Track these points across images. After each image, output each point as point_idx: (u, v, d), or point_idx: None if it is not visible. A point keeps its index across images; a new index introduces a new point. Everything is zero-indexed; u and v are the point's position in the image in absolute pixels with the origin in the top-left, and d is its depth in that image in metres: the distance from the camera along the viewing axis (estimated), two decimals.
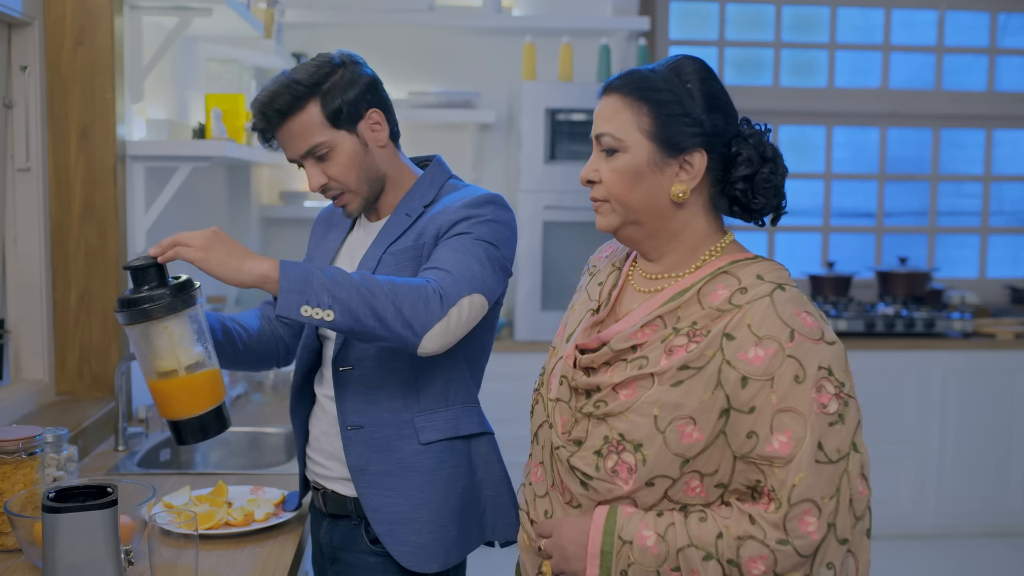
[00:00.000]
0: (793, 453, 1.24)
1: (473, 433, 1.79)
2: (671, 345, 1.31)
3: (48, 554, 1.31)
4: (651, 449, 1.29)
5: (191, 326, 1.56)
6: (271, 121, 1.72)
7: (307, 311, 1.49)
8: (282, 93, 1.70)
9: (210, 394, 1.60)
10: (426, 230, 1.73)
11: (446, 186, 1.83)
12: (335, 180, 1.74)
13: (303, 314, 1.49)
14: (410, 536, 1.72)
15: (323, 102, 1.71)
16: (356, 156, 1.74)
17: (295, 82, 1.70)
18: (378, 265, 1.74)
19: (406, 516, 1.72)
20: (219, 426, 1.61)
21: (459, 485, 1.76)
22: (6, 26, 2.40)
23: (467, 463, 1.78)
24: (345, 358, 1.75)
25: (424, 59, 4.35)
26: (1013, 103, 4.89)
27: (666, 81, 1.34)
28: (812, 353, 1.26)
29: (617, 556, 1.30)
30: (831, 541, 1.25)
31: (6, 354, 2.39)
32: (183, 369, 1.56)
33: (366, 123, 1.75)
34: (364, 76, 1.76)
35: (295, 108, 1.70)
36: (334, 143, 1.72)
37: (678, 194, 1.34)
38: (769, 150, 1.37)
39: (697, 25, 4.76)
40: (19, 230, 2.47)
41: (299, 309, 1.49)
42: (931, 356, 4.25)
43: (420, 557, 1.73)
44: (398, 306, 1.53)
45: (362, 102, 1.74)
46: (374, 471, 1.73)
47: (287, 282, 1.49)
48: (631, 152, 1.34)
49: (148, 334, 1.54)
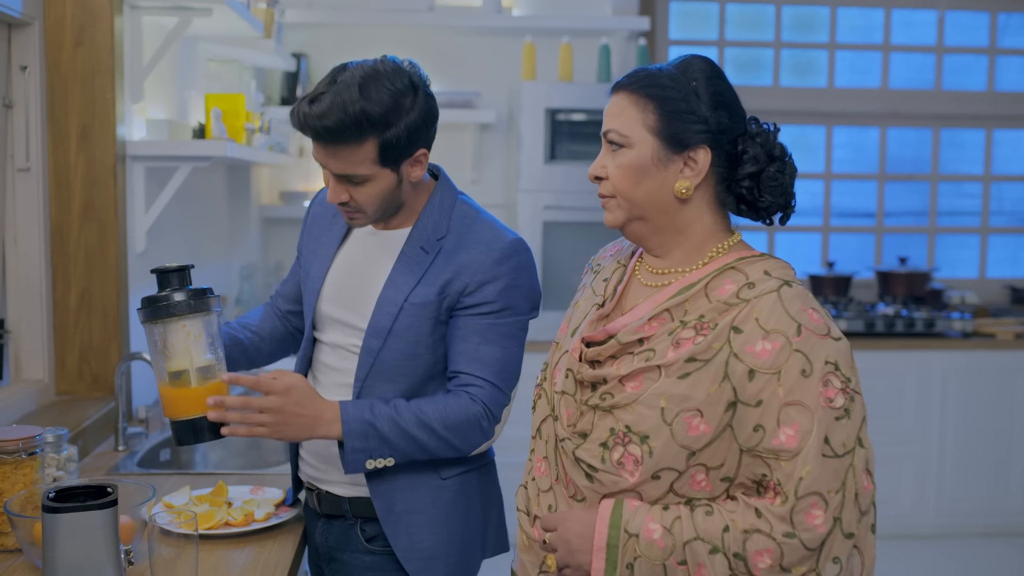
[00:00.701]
0: (800, 446, 1.24)
1: (483, 463, 1.86)
2: (678, 338, 1.32)
3: (48, 554, 1.31)
4: (658, 441, 1.29)
5: (207, 331, 1.63)
6: (319, 137, 1.60)
7: (370, 464, 1.69)
8: (345, 121, 1.57)
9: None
10: (450, 286, 1.71)
11: (456, 210, 1.77)
12: (356, 203, 1.69)
13: (367, 467, 1.69)
14: (440, 569, 1.77)
15: (381, 142, 1.60)
16: (388, 190, 1.68)
17: (364, 115, 1.57)
18: (399, 314, 1.72)
19: (435, 551, 1.77)
20: (214, 432, 1.64)
21: (473, 513, 1.82)
22: (6, 26, 2.40)
23: (477, 491, 1.84)
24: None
25: (424, 59, 4.35)
26: (1013, 103, 4.89)
27: (672, 79, 1.36)
28: (819, 348, 1.27)
29: (623, 549, 1.30)
30: (837, 535, 1.25)
31: (6, 354, 2.39)
32: (194, 370, 1.61)
33: (410, 161, 1.67)
34: (426, 112, 1.64)
35: (351, 139, 1.59)
36: (374, 176, 1.65)
37: (682, 190, 1.36)
38: (777, 149, 1.39)
39: (697, 25, 4.76)
40: (19, 230, 2.47)
41: (364, 465, 1.69)
42: (931, 356, 4.25)
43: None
44: (452, 444, 1.71)
45: (416, 143, 1.65)
46: (399, 511, 1.76)
47: (351, 442, 1.66)
48: (636, 148, 1.36)
49: (166, 331, 1.61)
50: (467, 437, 1.71)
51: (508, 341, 1.73)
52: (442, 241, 1.74)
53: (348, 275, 1.81)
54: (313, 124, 1.58)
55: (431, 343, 1.74)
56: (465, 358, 1.72)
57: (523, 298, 1.74)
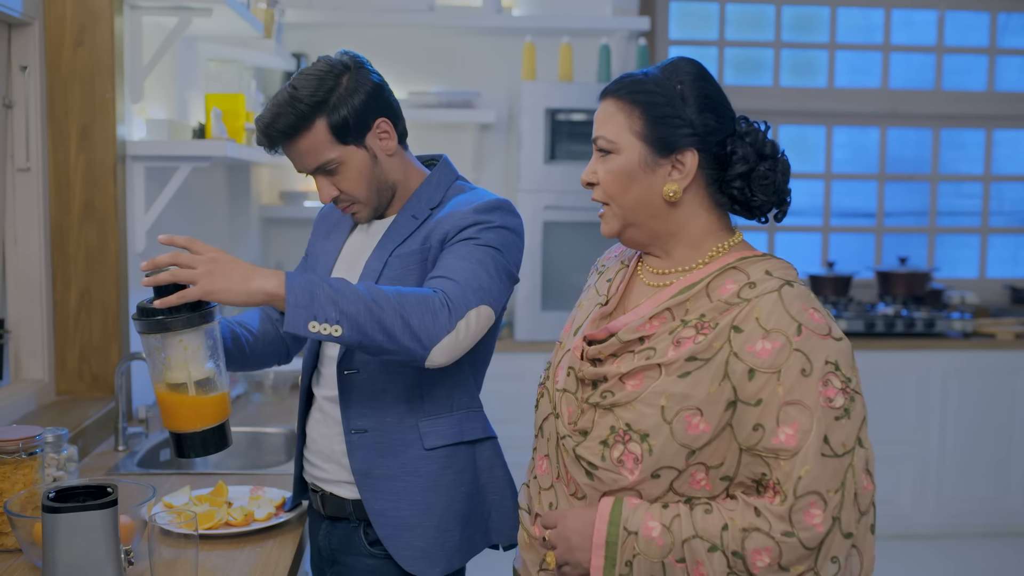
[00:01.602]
0: (799, 445, 1.25)
1: (477, 438, 1.79)
2: (679, 337, 1.33)
3: (48, 554, 1.31)
4: (657, 439, 1.30)
5: (206, 342, 1.56)
6: (275, 141, 1.69)
7: (315, 327, 1.48)
8: (286, 113, 1.65)
9: (216, 411, 1.60)
10: (432, 233, 1.71)
11: (453, 188, 1.80)
12: (345, 193, 1.72)
13: (311, 330, 1.48)
14: (413, 541, 1.72)
15: (329, 119, 1.66)
16: (366, 169, 1.71)
17: (297, 100, 1.65)
18: (384, 268, 1.72)
19: (409, 521, 1.72)
20: (220, 443, 1.61)
21: (462, 490, 1.76)
22: (6, 26, 2.40)
23: (471, 468, 1.78)
24: (350, 361, 1.74)
25: (424, 59, 4.35)
26: (1013, 103, 4.89)
27: (657, 83, 1.38)
28: (819, 347, 1.27)
29: (622, 547, 1.31)
30: (836, 534, 1.26)
31: (6, 354, 2.39)
32: (192, 383, 1.55)
33: (374, 134, 1.71)
34: (368, 83, 1.70)
35: (300, 128, 1.66)
36: (343, 158, 1.69)
37: (670, 193, 1.37)
38: (768, 147, 1.39)
39: (697, 25, 4.76)
40: (19, 230, 2.47)
41: (307, 325, 1.47)
42: (931, 356, 4.25)
43: (423, 562, 1.72)
44: (406, 319, 1.51)
45: (369, 113, 1.69)
46: (378, 475, 1.73)
47: (293, 297, 1.48)
48: (624, 153, 1.38)
49: (163, 345, 1.53)
50: (424, 320, 1.52)
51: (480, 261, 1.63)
52: (434, 210, 1.76)
53: (350, 265, 1.82)
54: (268, 132, 1.68)
55: None
56: (436, 271, 1.65)
57: (501, 239, 1.68)
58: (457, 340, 1.56)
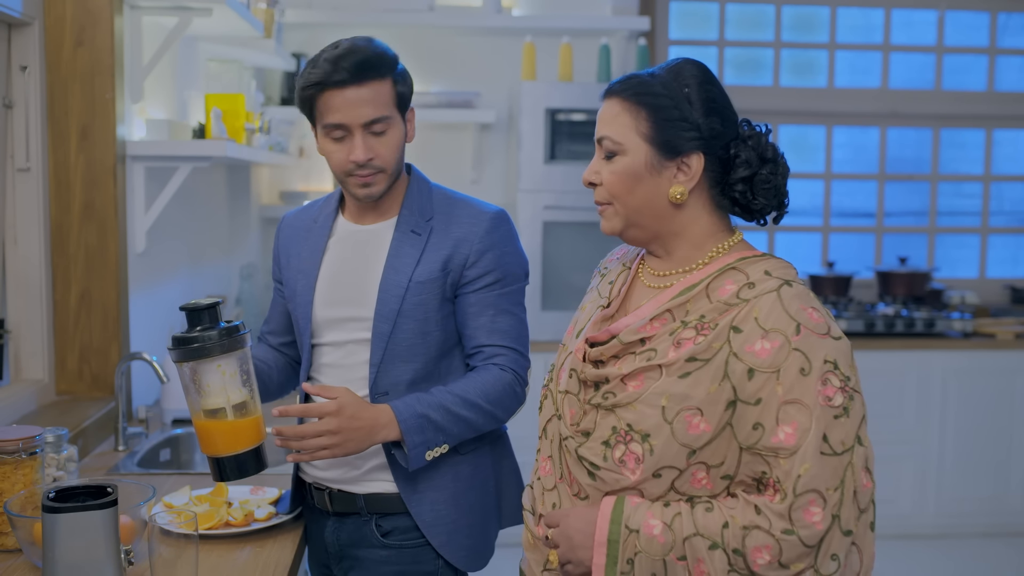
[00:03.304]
0: (799, 444, 1.25)
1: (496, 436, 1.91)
2: (679, 338, 1.33)
3: (48, 554, 1.31)
4: (658, 439, 1.30)
5: (240, 367, 1.61)
6: (351, 75, 1.68)
7: (430, 455, 1.73)
8: (369, 56, 1.70)
9: (253, 434, 1.65)
10: (452, 260, 1.78)
11: (436, 194, 1.86)
12: (380, 158, 1.75)
13: (427, 459, 1.73)
14: (463, 541, 1.82)
15: (395, 82, 1.75)
16: (400, 142, 1.79)
17: (379, 50, 1.72)
18: (405, 294, 1.77)
19: (457, 524, 1.81)
20: (257, 466, 1.66)
21: (489, 486, 1.87)
22: (6, 26, 2.40)
23: (492, 463, 1.88)
24: (381, 386, 1.79)
25: (424, 59, 4.35)
26: (1013, 103, 4.89)
27: (664, 86, 1.37)
28: (818, 347, 1.27)
29: (624, 545, 1.31)
30: (835, 532, 1.26)
31: (6, 354, 2.39)
32: (230, 407, 1.61)
33: (409, 117, 1.81)
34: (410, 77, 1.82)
35: (378, 75, 1.71)
36: (392, 123, 1.75)
37: (676, 195, 1.37)
38: (769, 151, 1.39)
39: (697, 25, 4.76)
40: (19, 230, 2.47)
41: (424, 458, 1.72)
42: (931, 356, 4.25)
43: (475, 559, 1.85)
44: (494, 415, 1.78)
45: (410, 98, 1.80)
46: (422, 488, 1.79)
47: (411, 438, 1.70)
48: (630, 155, 1.37)
49: (199, 371, 1.58)
50: (507, 405, 1.78)
51: (517, 308, 1.83)
52: (431, 222, 1.81)
53: (340, 274, 1.83)
54: (345, 64, 1.68)
55: (440, 319, 1.79)
56: (484, 331, 1.80)
57: (518, 265, 1.85)
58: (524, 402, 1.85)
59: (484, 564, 1.87)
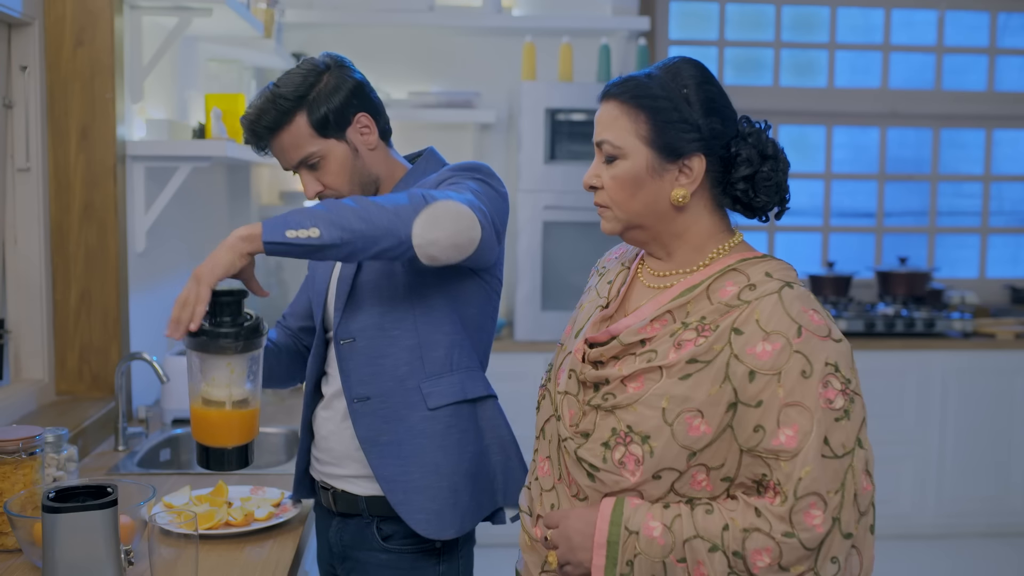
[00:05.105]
0: (799, 447, 1.25)
1: (479, 396, 1.79)
2: (680, 339, 1.32)
3: (48, 554, 1.31)
4: (659, 441, 1.30)
5: (250, 366, 1.61)
6: (261, 137, 1.75)
7: (292, 233, 1.49)
8: (268, 109, 1.73)
9: (245, 431, 1.63)
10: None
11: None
12: (329, 187, 1.77)
13: (288, 237, 1.49)
14: (425, 503, 1.73)
15: (309, 113, 1.73)
16: (347, 162, 1.76)
17: (280, 97, 1.72)
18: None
19: (419, 483, 1.73)
20: (240, 463, 1.64)
21: (469, 450, 1.76)
22: (6, 26, 2.40)
23: (475, 427, 1.78)
24: (347, 330, 1.76)
25: (424, 59, 4.35)
26: (1013, 103, 4.89)
27: (663, 87, 1.36)
28: (819, 349, 1.27)
29: (623, 546, 1.31)
30: (836, 535, 1.26)
31: (6, 354, 2.39)
32: (230, 403, 1.60)
33: (354, 128, 1.77)
34: (349, 81, 1.76)
35: (283, 122, 1.73)
36: (324, 152, 1.74)
37: (678, 198, 1.36)
38: (769, 147, 1.38)
39: (697, 25, 4.76)
40: (19, 230, 2.47)
41: (284, 233, 1.50)
42: (931, 356, 4.25)
43: (436, 524, 1.73)
44: (380, 206, 1.53)
45: (349, 108, 1.75)
46: (384, 441, 1.74)
47: (269, 220, 1.53)
48: (630, 159, 1.36)
49: (209, 364, 1.58)
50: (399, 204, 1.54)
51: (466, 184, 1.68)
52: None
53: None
54: (252, 129, 1.75)
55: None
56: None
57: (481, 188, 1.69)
58: (437, 214, 1.54)
59: (452, 534, 1.74)
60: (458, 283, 1.76)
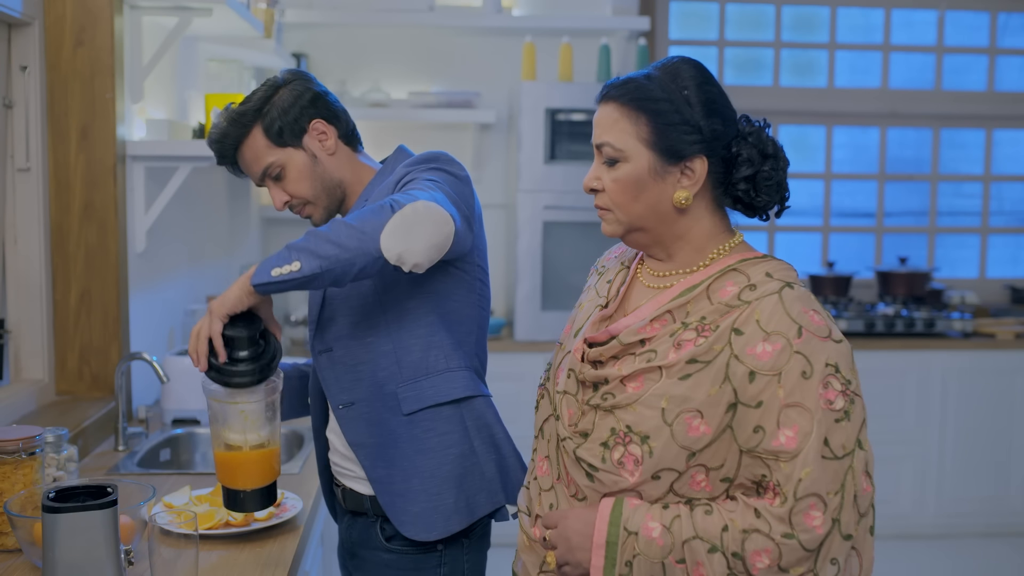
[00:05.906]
0: (799, 448, 1.25)
1: (460, 397, 1.78)
2: (680, 339, 1.32)
3: (48, 554, 1.31)
4: (658, 441, 1.30)
5: (265, 409, 1.63)
6: (226, 155, 1.82)
7: (277, 272, 1.52)
8: (228, 128, 1.80)
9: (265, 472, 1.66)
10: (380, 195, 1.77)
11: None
12: (295, 196, 1.81)
13: (274, 276, 1.52)
14: (407, 506, 1.76)
15: (264, 126, 1.78)
16: (307, 169, 1.80)
17: (237, 113, 1.79)
18: None
19: (401, 486, 1.76)
20: (262, 504, 1.67)
21: (452, 452, 1.76)
22: (6, 26, 2.40)
23: (459, 428, 1.77)
24: (323, 341, 1.80)
25: (424, 59, 4.35)
26: (1013, 103, 4.89)
27: (663, 89, 1.35)
28: (819, 350, 1.27)
29: (622, 547, 1.31)
30: (835, 536, 1.26)
31: (6, 354, 2.39)
32: (248, 447, 1.63)
33: (311, 135, 1.80)
34: (306, 92, 1.80)
35: (242, 137, 1.79)
36: (284, 161, 1.79)
37: (681, 200, 1.35)
38: (769, 146, 1.38)
39: (697, 25, 4.76)
40: (19, 230, 2.47)
41: (270, 272, 1.52)
42: (931, 356, 4.25)
43: (418, 526, 1.75)
44: (349, 226, 1.53)
45: (303, 117, 1.79)
46: (370, 444, 1.77)
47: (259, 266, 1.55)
48: (632, 162, 1.35)
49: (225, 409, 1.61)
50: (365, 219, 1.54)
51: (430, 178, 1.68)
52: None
53: None
54: (217, 149, 1.82)
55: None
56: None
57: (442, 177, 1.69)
58: (405, 222, 1.52)
59: (436, 535, 1.75)
60: (432, 280, 1.75)
